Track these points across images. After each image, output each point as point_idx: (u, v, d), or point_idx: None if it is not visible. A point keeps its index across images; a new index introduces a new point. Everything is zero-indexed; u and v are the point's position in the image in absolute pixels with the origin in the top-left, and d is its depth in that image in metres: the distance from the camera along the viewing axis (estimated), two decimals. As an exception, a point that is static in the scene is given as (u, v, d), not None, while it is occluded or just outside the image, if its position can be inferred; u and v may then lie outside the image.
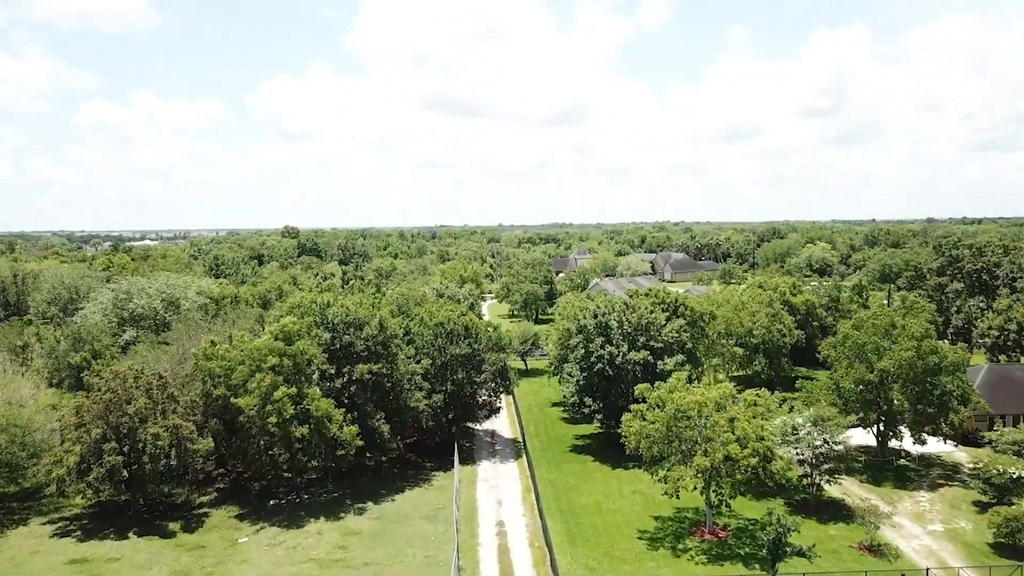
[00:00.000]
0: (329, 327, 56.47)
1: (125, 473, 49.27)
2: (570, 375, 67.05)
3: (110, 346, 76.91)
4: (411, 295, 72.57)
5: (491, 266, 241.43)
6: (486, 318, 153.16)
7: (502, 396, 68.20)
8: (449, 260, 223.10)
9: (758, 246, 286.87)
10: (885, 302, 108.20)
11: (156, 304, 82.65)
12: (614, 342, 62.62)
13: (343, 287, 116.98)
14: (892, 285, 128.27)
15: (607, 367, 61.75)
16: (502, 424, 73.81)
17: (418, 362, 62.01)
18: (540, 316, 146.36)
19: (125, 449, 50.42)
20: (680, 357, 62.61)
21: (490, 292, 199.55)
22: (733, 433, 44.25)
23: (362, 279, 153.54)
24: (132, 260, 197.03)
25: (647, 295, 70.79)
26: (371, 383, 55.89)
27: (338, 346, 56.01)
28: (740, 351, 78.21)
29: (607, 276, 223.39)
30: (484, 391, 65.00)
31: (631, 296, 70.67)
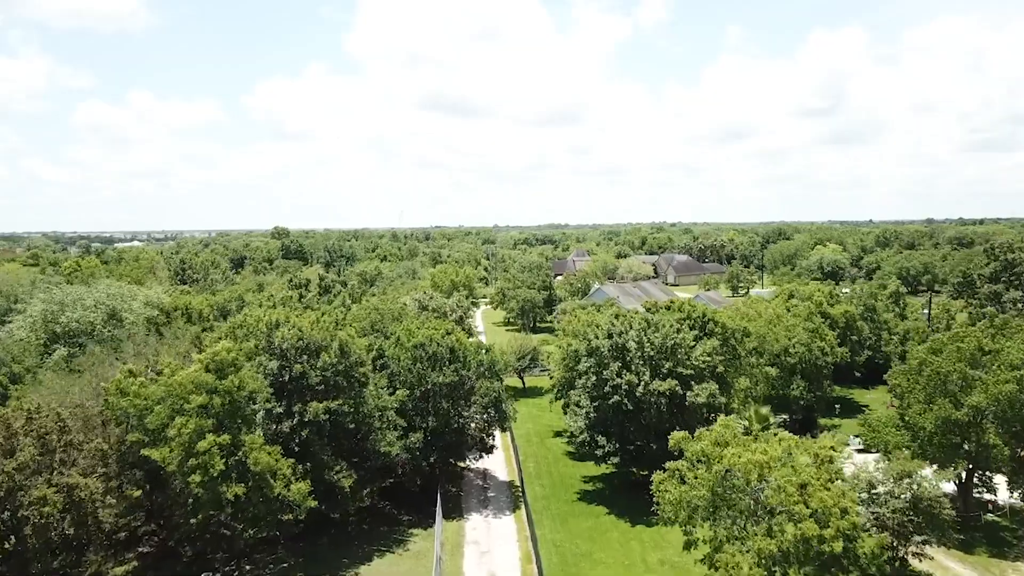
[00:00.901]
0: (277, 353, 44.74)
1: (-2, 550, 37.59)
2: (578, 406, 55.51)
3: (35, 368, 65.01)
4: (387, 309, 60.85)
5: (486, 269, 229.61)
6: (479, 326, 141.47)
7: (496, 432, 56.47)
8: (441, 263, 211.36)
9: (763, 247, 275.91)
10: (924, 311, 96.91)
11: (93, 317, 70.69)
12: (633, 368, 51.06)
13: (321, 295, 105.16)
14: (930, 292, 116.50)
15: (625, 399, 50.18)
16: (496, 460, 62.10)
17: (392, 393, 50.40)
18: (538, 324, 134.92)
19: (4, 516, 38.72)
20: (713, 386, 51.10)
21: (484, 297, 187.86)
22: (807, 505, 32.73)
23: (344, 284, 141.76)
24: (103, 264, 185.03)
25: (671, 309, 59.27)
26: (330, 424, 44.18)
27: (287, 378, 44.29)
28: (773, 371, 66.62)
29: (608, 279, 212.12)
30: (474, 426, 53.34)
31: (650, 310, 59.16)
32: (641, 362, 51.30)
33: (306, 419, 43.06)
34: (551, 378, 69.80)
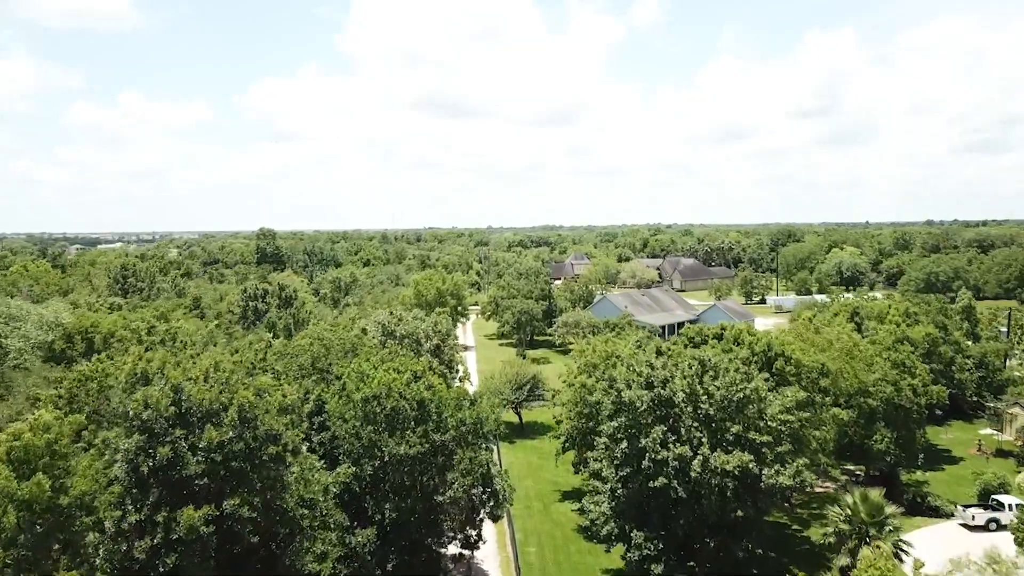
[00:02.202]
0: (137, 426, 28.34)
1: None
2: (599, 478, 39.42)
3: None
4: (336, 339, 44.31)
5: (478, 273, 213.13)
6: (469, 339, 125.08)
7: (486, 519, 39.81)
8: (430, 267, 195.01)
9: (772, 250, 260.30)
10: (1003, 328, 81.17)
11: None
12: (685, 433, 34.95)
13: (282, 308, 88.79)
14: (1012, 307, 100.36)
15: (674, 481, 34.06)
16: (485, 532, 45.69)
17: (331, 468, 34.28)
18: (536, 337, 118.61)
19: None
20: (800, 461, 35.10)
21: (476, 304, 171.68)
22: None
23: (316, 294, 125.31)
24: (55, 268, 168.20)
25: (724, 339, 43.23)
26: (217, 539, 27.84)
27: (151, 467, 27.88)
28: (845, 414, 50.37)
29: (609, 284, 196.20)
30: (451, 517, 37.01)
31: (695, 340, 43.09)
32: (695, 424, 35.16)
33: (175, 535, 26.71)
34: (558, 421, 53.72)
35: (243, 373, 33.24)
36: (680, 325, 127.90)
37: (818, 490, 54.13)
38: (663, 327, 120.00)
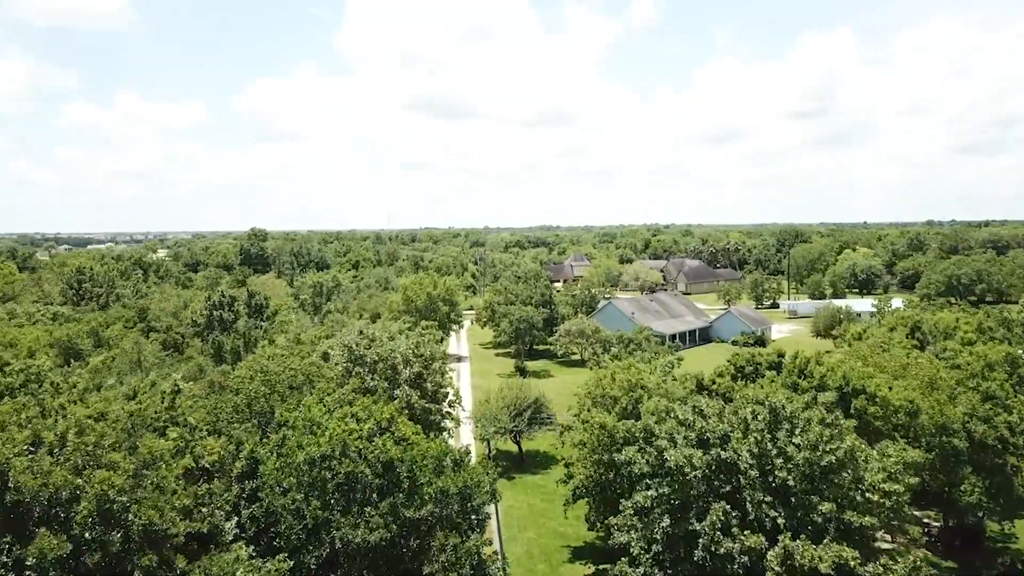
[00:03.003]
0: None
1: None
2: (630, 559, 29.37)
3: None
4: (281, 373, 33.86)
5: (473, 275, 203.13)
6: (463, 348, 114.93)
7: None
8: (424, 268, 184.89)
9: (778, 251, 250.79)
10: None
11: None
12: (752, 509, 25.04)
13: (253, 317, 78.96)
14: None
15: (742, 583, 24.09)
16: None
17: (268, 555, 24.31)
18: (536, 346, 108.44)
19: None
20: (917, 553, 25.17)
21: (472, 309, 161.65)
22: None
23: (296, 298, 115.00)
24: (23, 271, 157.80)
25: (788, 370, 33.28)
26: None
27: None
28: (917, 454, 40.28)
29: (612, 286, 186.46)
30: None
31: (746, 368, 33.11)
32: (766, 497, 25.22)
33: None
34: (567, 464, 43.75)
35: (126, 435, 23.21)
36: (692, 333, 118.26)
37: (884, 546, 44.38)
38: (674, 336, 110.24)
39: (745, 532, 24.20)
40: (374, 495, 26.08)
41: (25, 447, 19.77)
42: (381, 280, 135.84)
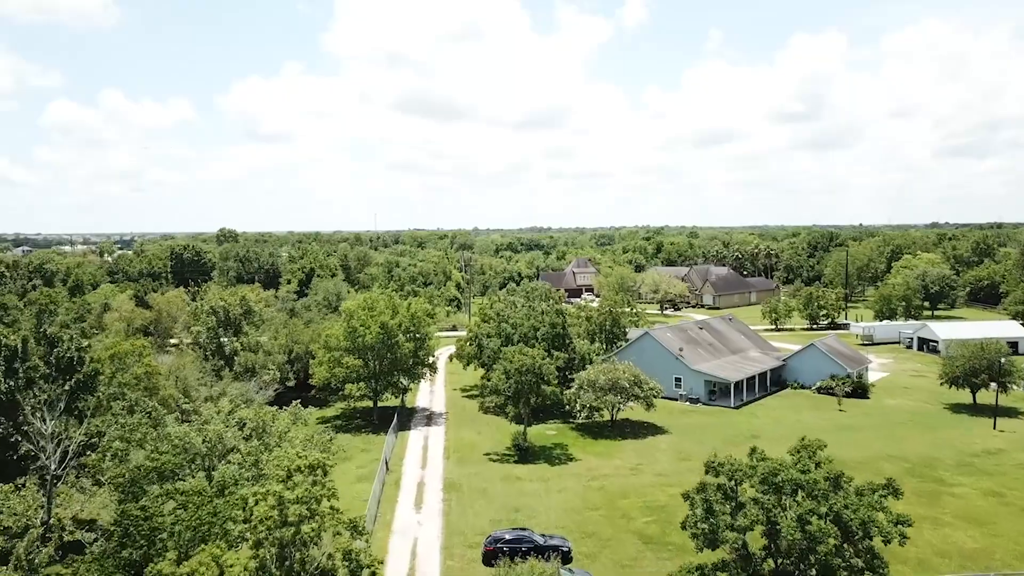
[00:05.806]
0: None
1: None
2: None
3: None
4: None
5: (458, 284, 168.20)
6: (438, 399, 78.23)
7: None
8: (395, 280, 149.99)
9: (811, 255, 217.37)
10: None
11: None
12: None
13: (55, 381, 44.54)
14: None
15: None
16: None
17: None
18: (545, 405, 72.33)
19: None
20: None
21: (454, 329, 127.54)
22: None
23: (191, 334, 79.60)
24: None
25: None
26: None
27: None
28: None
29: (627, 294, 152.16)
30: None
31: None
32: None
33: None
34: None
35: None
36: (764, 376, 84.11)
37: None
38: (739, 383, 76.08)
39: None
40: None
41: None
42: (331, 297, 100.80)
